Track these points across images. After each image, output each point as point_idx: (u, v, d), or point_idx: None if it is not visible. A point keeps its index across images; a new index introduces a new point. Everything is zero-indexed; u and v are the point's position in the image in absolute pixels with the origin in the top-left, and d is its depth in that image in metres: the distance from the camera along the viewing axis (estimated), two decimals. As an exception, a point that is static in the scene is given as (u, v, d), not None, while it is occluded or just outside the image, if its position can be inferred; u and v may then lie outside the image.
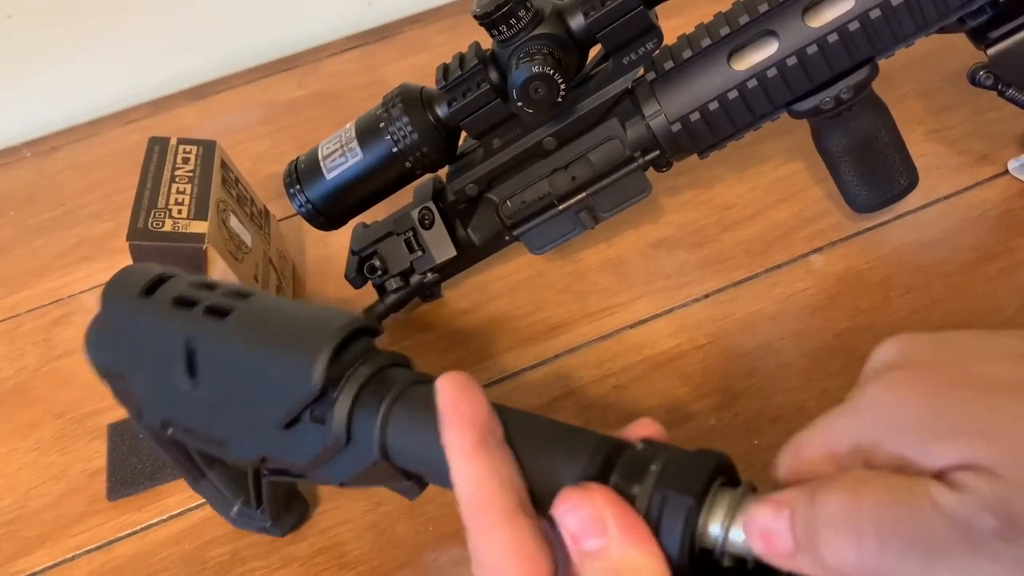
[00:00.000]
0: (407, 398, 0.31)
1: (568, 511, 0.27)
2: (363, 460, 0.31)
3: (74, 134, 0.79)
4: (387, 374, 0.32)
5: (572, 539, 0.27)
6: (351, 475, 0.32)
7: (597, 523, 0.26)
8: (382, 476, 0.32)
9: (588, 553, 0.26)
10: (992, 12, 0.46)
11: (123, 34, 0.80)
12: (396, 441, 0.31)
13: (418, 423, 0.30)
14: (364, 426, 0.31)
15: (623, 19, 0.44)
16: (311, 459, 0.32)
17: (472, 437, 0.28)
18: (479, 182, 0.50)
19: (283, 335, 0.33)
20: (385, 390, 0.31)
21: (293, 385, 0.31)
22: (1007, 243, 0.50)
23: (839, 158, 0.50)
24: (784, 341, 0.48)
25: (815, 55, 0.44)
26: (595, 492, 0.27)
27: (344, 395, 0.31)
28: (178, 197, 0.48)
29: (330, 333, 0.31)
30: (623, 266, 0.55)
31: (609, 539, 0.26)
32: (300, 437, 0.32)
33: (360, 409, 0.31)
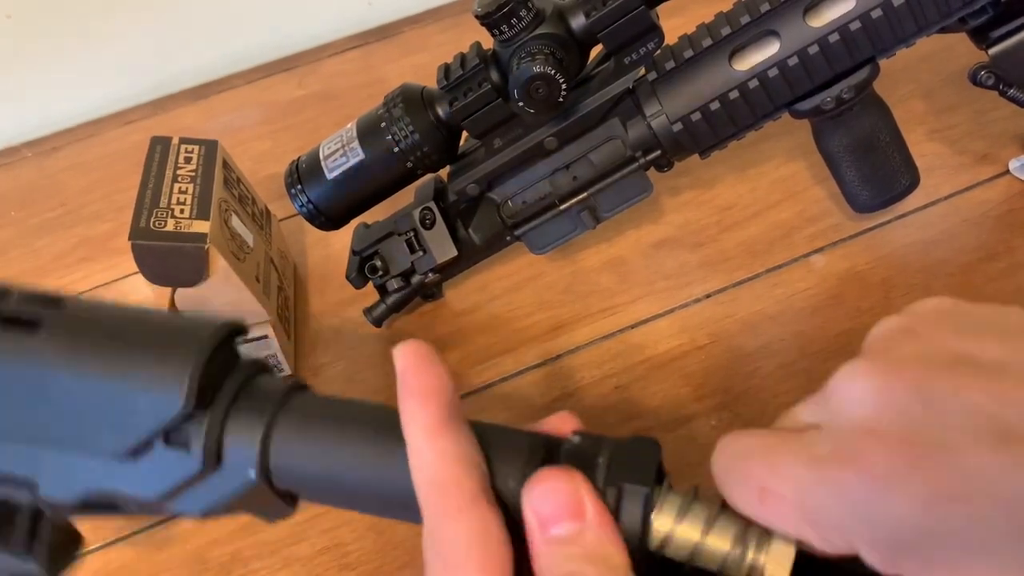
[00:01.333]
0: (291, 409, 0.28)
1: (547, 492, 0.25)
2: (234, 485, 0.27)
3: (74, 134, 0.79)
4: (256, 383, 0.29)
5: (540, 524, 0.25)
6: (218, 503, 0.28)
7: (575, 506, 0.25)
8: (255, 501, 0.28)
9: (558, 539, 0.25)
10: (993, 12, 0.46)
11: (123, 34, 0.80)
12: (283, 459, 0.27)
13: (312, 436, 0.27)
14: (238, 446, 0.27)
15: (624, 19, 0.44)
16: (164, 491, 0.27)
17: (436, 412, 0.26)
18: (480, 182, 0.50)
19: (124, 348, 0.27)
20: (261, 403, 0.28)
21: (143, 407, 0.27)
22: (1008, 243, 0.50)
23: (840, 158, 0.50)
24: (785, 341, 0.48)
25: (816, 55, 0.44)
26: (575, 474, 0.25)
27: (213, 412, 0.27)
28: (180, 197, 0.48)
29: (200, 339, 0.27)
30: (624, 266, 0.55)
31: (586, 524, 0.25)
32: (148, 467, 0.27)
33: (233, 427, 0.27)
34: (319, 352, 0.54)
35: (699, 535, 0.25)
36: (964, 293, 0.48)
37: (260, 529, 0.46)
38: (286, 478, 0.28)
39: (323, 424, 0.28)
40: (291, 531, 0.46)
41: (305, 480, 0.28)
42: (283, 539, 0.46)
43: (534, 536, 0.25)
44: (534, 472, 0.26)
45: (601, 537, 0.25)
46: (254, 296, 0.49)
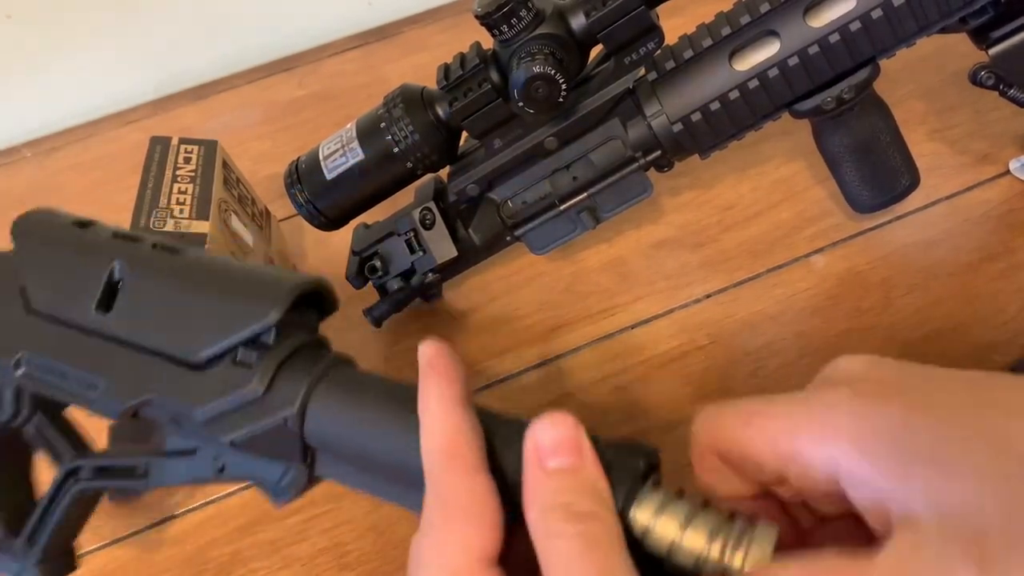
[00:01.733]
0: (341, 371, 0.31)
1: (549, 425, 0.27)
2: (271, 417, 0.30)
3: (74, 134, 0.79)
4: (318, 347, 0.33)
5: (540, 455, 0.27)
6: (249, 432, 0.30)
7: (575, 442, 0.27)
8: (277, 444, 0.30)
9: (556, 470, 0.26)
10: (994, 12, 0.46)
11: (123, 34, 0.80)
12: (319, 408, 0.30)
13: (350, 399, 0.30)
14: (288, 384, 0.30)
15: (624, 19, 0.44)
16: (216, 405, 0.30)
17: (456, 391, 0.29)
18: (480, 182, 0.50)
19: (238, 278, 0.32)
20: (317, 359, 0.31)
21: (237, 320, 0.31)
22: (1009, 243, 0.50)
23: (840, 158, 0.50)
24: (785, 341, 0.48)
25: (816, 55, 0.44)
26: (574, 419, 0.27)
27: (278, 348, 0.31)
28: (180, 197, 0.48)
29: (295, 283, 0.31)
30: (624, 266, 0.55)
31: (583, 461, 0.27)
32: (209, 378, 0.31)
33: (290, 365, 0.31)
34: (319, 352, 0.54)
35: (677, 530, 0.26)
36: (964, 293, 0.48)
37: (260, 529, 0.46)
38: (315, 428, 0.30)
39: (360, 391, 0.30)
40: (291, 531, 0.46)
41: (330, 436, 0.30)
42: (283, 539, 0.46)
43: (531, 468, 0.27)
44: None
45: (596, 474, 0.27)
46: (254, 296, 0.49)
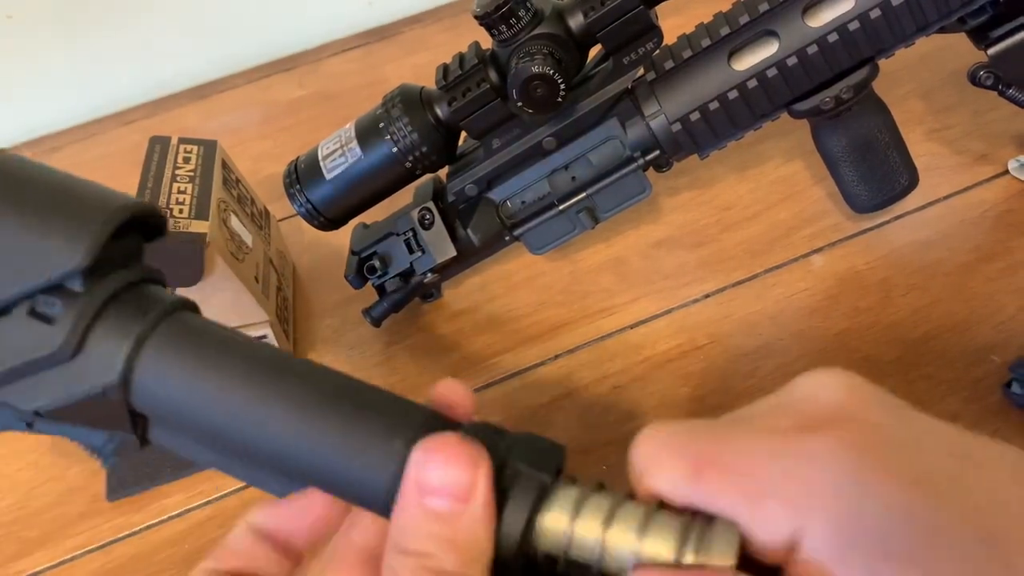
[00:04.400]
0: (176, 322, 0.25)
1: (439, 464, 0.23)
2: (88, 383, 0.24)
3: (74, 134, 0.79)
4: (148, 288, 0.26)
5: (421, 490, 0.23)
6: (60, 402, 0.24)
7: (464, 488, 0.23)
8: (96, 413, 0.25)
9: (432, 511, 0.23)
10: (992, 12, 0.46)
11: (123, 34, 0.80)
12: (151, 370, 0.24)
13: (189, 361, 0.24)
14: (107, 339, 0.24)
15: (623, 19, 0.44)
16: (8, 367, 0.24)
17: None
18: (479, 182, 0.50)
19: (33, 198, 0.25)
20: (146, 301, 0.25)
21: (32, 259, 0.24)
22: (1007, 243, 0.50)
23: (839, 158, 0.50)
24: (784, 341, 0.48)
25: (815, 55, 0.44)
26: (481, 453, 0.23)
27: (92, 295, 0.24)
28: (179, 197, 0.48)
29: (109, 209, 0.25)
30: (623, 266, 0.55)
31: (467, 508, 0.23)
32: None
33: (108, 316, 0.24)
34: (318, 352, 0.54)
35: (600, 528, 0.23)
36: (963, 293, 0.48)
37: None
38: (146, 397, 0.24)
39: (202, 349, 0.24)
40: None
41: (165, 406, 0.24)
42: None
43: (408, 494, 0.23)
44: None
45: (478, 526, 0.23)
46: (253, 296, 0.49)
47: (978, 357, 0.45)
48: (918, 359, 0.46)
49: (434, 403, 0.27)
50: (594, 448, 0.45)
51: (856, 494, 0.21)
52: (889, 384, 0.45)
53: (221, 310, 0.49)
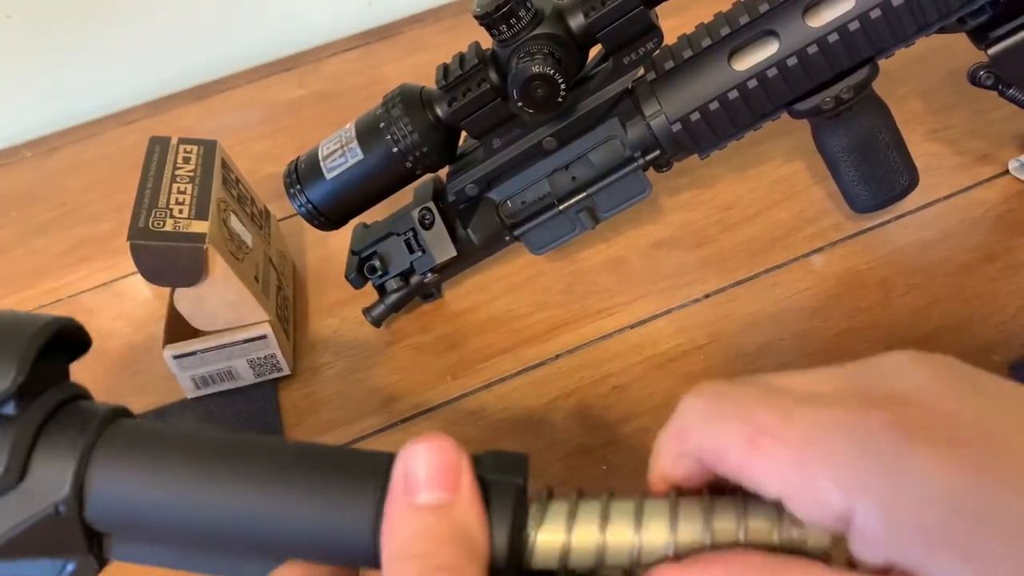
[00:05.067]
0: (120, 429, 0.25)
1: (421, 453, 0.23)
2: (39, 504, 0.23)
3: (74, 134, 0.79)
4: (81, 404, 0.26)
5: (407, 487, 0.23)
6: (10, 532, 0.23)
7: (451, 475, 0.23)
8: (48, 538, 0.24)
9: (423, 507, 0.23)
10: (992, 12, 0.46)
11: (123, 34, 0.80)
12: (104, 483, 0.24)
13: (143, 463, 0.24)
14: (52, 456, 0.24)
15: (623, 19, 0.44)
16: None
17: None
18: (479, 182, 0.50)
19: None
20: (83, 414, 0.25)
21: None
22: (1007, 243, 0.50)
23: (839, 158, 0.50)
24: (784, 341, 0.48)
25: (815, 55, 0.44)
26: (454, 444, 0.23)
27: (30, 414, 0.24)
28: (179, 197, 0.48)
29: (33, 328, 0.24)
30: (623, 266, 0.55)
31: (460, 496, 0.23)
32: None
33: (48, 435, 0.24)
34: (318, 352, 0.54)
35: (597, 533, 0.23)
36: (963, 293, 0.48)
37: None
38: (104, 506, 0.24)
39: (153, 449, 0.24)
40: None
41: (125, 515, 0.24)
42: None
43: (396, 500, 0.23)
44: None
45: (471, 514, 0.23)
46: (253, 296, 0.49)
47: (979, 357, 0.45)
48: (918, 359, 0.46)
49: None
50: (594, 448, 0.45)
51: (909, 480, 0.20)
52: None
53: (221, 310, 0.49)
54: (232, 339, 0.49)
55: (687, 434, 0.24)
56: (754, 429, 0.22)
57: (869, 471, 0.21)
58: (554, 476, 0.45)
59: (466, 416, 0.49)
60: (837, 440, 0.21)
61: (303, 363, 0.54)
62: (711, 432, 0.24)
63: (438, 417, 0.49)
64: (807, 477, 0.21)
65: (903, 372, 0.23)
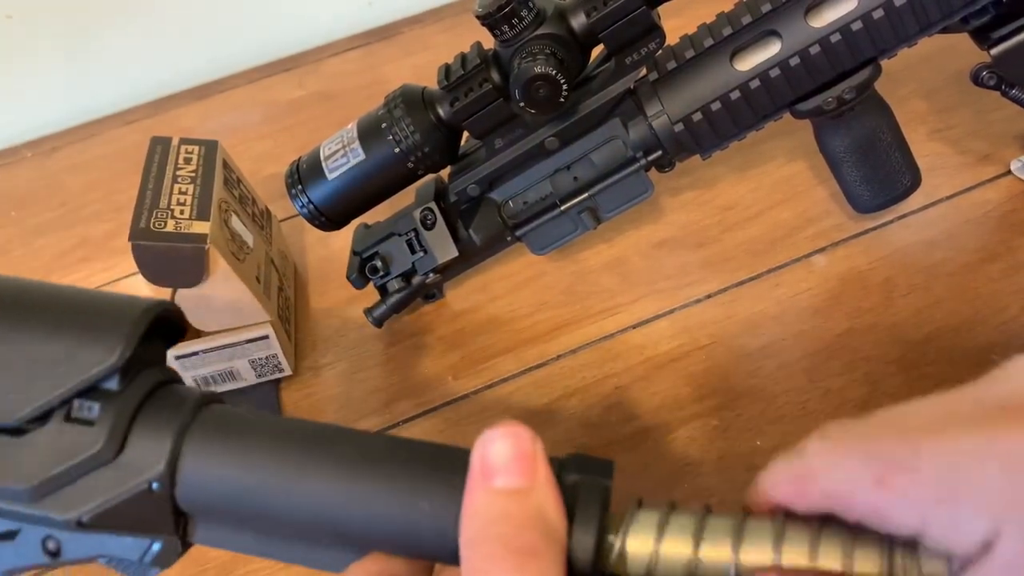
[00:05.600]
0: (213, 413, 0.25)
1: (500, 438, 0.23)
2: (134, 480, 0.24)
3: (74, 134, 0.79)
4: (176, 387, 0.26)
5: (484, 473, 0.23)
6: (101, 505, 0.24)
7: (525, 463, 0.23)
8: (140, 515, 0.24)
9: (499, 491, 0.23)
10: (995, 12, 0.46)
11: (123, 34, 0.80)
12: (196, 464, 0.24)
13: (234, 448, 0.25)
14: (148, 435, 0.24)
15: (626, 19, 0.44)
16: (49, 476, 0.24)
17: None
18: (481, 183, 0.50)
19: (63, 307, 0.26)
20: (179, 397, 0.26)
21: (67, 363, 0.24)
22: (1010, 243, 0.50)
23: (842, 158, 0.50)
24: (786, 341, 0.48)
25: (818, 55, 0.44)
26: (530, 432, 0.24)
27: (130, 392, 0.25)
28: (180, 197, 0.48)
29: (140, 309, 0.25)
30: (625, 267, 0.55)
31: (535, 484, 0.23)
32: (33, 444, 0.24)
33: (147, 412, 0.25)
34: (319, 352, 0.54)
35: (690, 547, 0.23)
36: (965, 293, 0.48)
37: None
38: (192, 490, 0.24)
39: (244, 435, 0.25)
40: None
41: (213, 498, 0.24)
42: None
43: (474, 484, 0.23)
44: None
45: (549, 501, 0.23)
46: (254, 296, 0.49)
47: (980, 357, 0.45)
48: (920, 359, 0.46)
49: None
50: (596, 448, 0.45)
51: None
52: (891, 384, 0.45)
53: (223, 310, 0.49)
54: (234, 340, 0.49)
55: (810, 479, 0.23)
56: (883, 467, 0.22)
57: (1014, 496, 0.20)
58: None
59: (468, 416, 0.49)
60: (978, 465, 0.21)
61: (304, 363, 0.54)
62: (837, 476, 0.23)
63: (440, 417, 0.49)
64: (949, 509, 0.21)
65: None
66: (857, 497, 0.22)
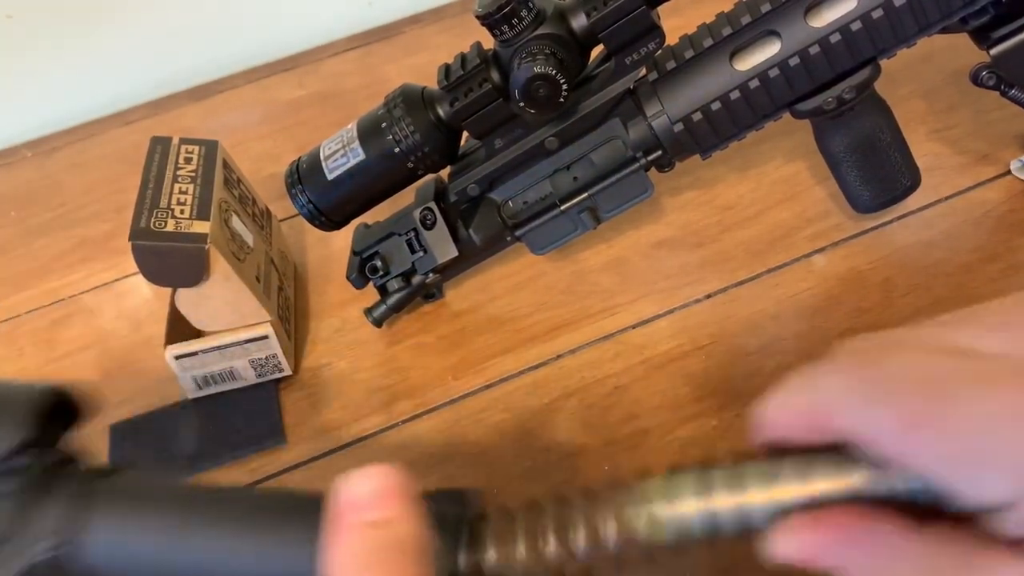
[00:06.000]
0: (112, 481, 0.27)
1: (356, 478, 0.24)
2: (36, 554, 0.25)
3: (74, 134, 0.79)
4: (74, 464, 0.28)
5: (345, 509, 0.24)
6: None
7: (387, 497, 0.24)
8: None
9: (359, 525, 0.24)
10: (994, 12, 0.46)
11: (123, 34, 0.80)
12: (98, 531, 0.26)
13: (139, 510, 0.26)
14: (52, 506, 0.26)
15: (625, 19, 0.44)
16: None
17: None
18: (481, 182, 0.50)
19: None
20: (78, 472, 0.28)
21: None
22: (1009, 243, 0.50)
23: (841, 158, 0.50)
24: (786, 342, 0.48)
25: (817, 55, 0.44)
26: (394, 468, 0.25)
27: (33, 468, 0.26)
28: (180, 197, 0.48)
29: (39, 389, 0.28)
30: (624, 266, 0.55)
31: (397, 514, 0.24)
32: None
33: (48, 491, 0.26)
34: (319, 352, 0.54)
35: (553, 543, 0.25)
36: (965, 293, 0.48)
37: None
38: (94, 555, 0.26)
39: (146, 496, 0.27)
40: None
41: (116, 560, 0.26)
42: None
43: (339, 521, 0.24)
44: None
45: (414, 524, 0.24)
46: (254, 296, 0.49)
47: (980, 357, 0.45)
48: (920, 359, 0.46)
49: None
50: (596, 448, 0.45)
51: None
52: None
53: (222, 310, 0.49)
54: (233, 339, 0.49)
55: (827, 414, 0.23)
56: (911, 417, 0.21)
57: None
58: (555, 477, 0.45)
59: (468, 416, 0.49)
60: (1007, 429, 0.20)
61: (304, 363, 0.54)
62: (860, 420, 0.22)
63: (439, 417, 0.49)
64: (974, 470, 0.21)
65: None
66: (881, 442, 0.22)
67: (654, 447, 0.45)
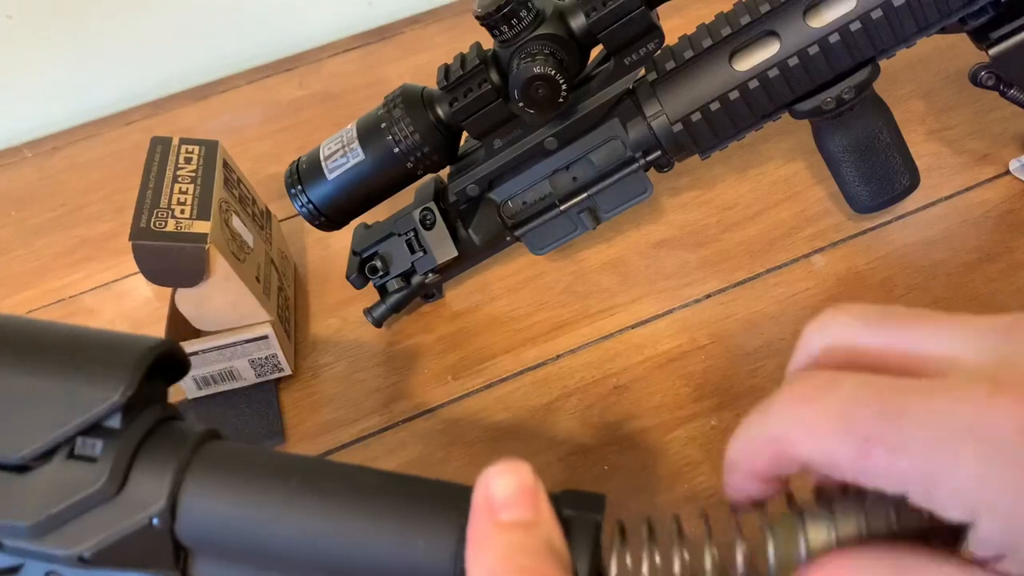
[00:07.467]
0: (213, 449, 0.26)
1: (502, 474, 0.24)
2: (135, 516, 0.24)
3: (74, 134, 0.79)
4: (177, 424, 0.27)
5: (490, 508, 0.23)
6: (102, 540, 0.24)
7: (530, 496, 0.23)
8: (139, 550, 0.25)
9: (508, 524, 0.23)
10: (993, 12, 0.46)
11: (123, 34, 0.80)
12: (196, 498, 0.25)
13: (234, 483, 0.25)
14: (149, 471, 0.25)
15: (625, 19, 0.44)
16: (52, 512, 0.24)
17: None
18: (480, 183, 0.50)
19: (65, 346, 0.26)
20: (179, 434, 0.26)
21: (69, 402, 0.25)
22: (1008, 243, 0.50)
23: (840, 158, 0.50)
24: (785, 341, 0.48)
25: (816, 55, 0.44)
26: (529, 467, 0.24)
27: (132, 429, 0.25)
28: (181, 197, 0.48)
29: (144, 348, 0.26)
30: (624, 266, 0.55)
31: (541, 515, 0.23)
32: (36, 481, 0.25)
33: (148, 449, 0.25)
34: (319, 352, 0.54)
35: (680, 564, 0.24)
36: (964, 293, 0.48)
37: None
38: (192, 525, 0.25)
39: (244, 470, 0.25)
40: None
41: (213, 532, 0.25)
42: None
43: (480, 519, 0.23)
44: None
45: (553, 531, 0.23)
46: (254, 296, 0.49)
47: (979, 357, 0.45)
48: (919, 359, 0.46)
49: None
50: (595, 448, 0.45)
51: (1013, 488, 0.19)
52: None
53: (223, 310, 0.49)
54: (233, 339, 0.49)
55: (787, 444, 0.23)
56: (862, 439, 0.21)
57: (995, 485, 0.19)
58: (555, 476, 0.45)
59: (467, 416, 0.49)
60: (959, 448, 0.20)
61: (304, 363, 0.54)
62: (814, 446, 0.22)
63: (439, 417, 0.49)
64: (928, 488, 0.20)
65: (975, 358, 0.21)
66: (839, 467, 0.22)
67: (654, 447, 0.45)
